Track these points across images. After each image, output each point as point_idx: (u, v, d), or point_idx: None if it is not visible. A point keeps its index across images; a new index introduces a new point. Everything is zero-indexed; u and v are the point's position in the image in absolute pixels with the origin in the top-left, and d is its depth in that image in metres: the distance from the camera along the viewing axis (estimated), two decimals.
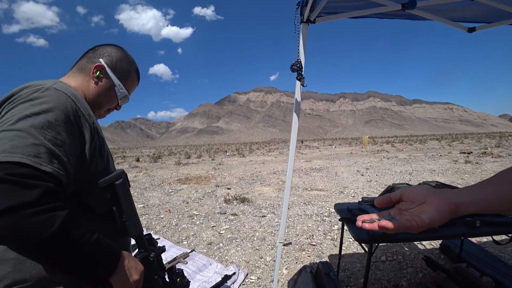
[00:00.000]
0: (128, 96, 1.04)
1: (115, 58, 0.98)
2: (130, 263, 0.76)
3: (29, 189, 0.55)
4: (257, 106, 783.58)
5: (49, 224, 0.55)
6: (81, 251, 0.61)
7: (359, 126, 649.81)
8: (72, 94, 0.77)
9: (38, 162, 0.59)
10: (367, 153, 19.29)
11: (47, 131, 0.64)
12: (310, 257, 3.14)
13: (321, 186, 7.39)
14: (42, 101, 0.68)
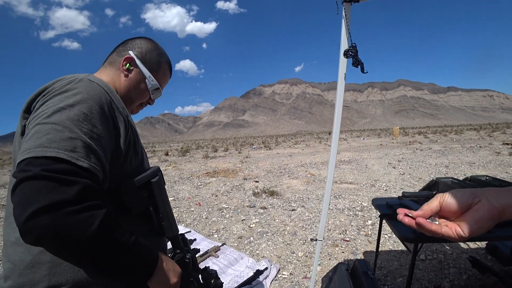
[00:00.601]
0: (160, 89, 1.00)
1: (145, 50, 0.95)
2: (168, 265, 0.73)
3: (67, 185, 0.52)
4: (282, 98, 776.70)
5: (88, 223, 0.52)
6: (120, 253, 0.58)
7: (389, 116, 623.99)
8: (105, 85, 0.75)
9: (75, 156, 0.56)
10: (398, 144, 18.49)
11: (83, 124, 0.61)
12: (344, 253, 3.05)
13: (351, 179, 7.18)
14: (76, 92, 0.66)
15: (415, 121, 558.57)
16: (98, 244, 0.54)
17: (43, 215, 0.49)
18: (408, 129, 75.87)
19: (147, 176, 0.77)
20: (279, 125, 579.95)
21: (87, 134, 0.60)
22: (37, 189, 0.50)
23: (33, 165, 0.52)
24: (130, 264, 0.61)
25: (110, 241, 0.56)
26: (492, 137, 20.20)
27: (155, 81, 0.95)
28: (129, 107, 0.95)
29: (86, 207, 0.53)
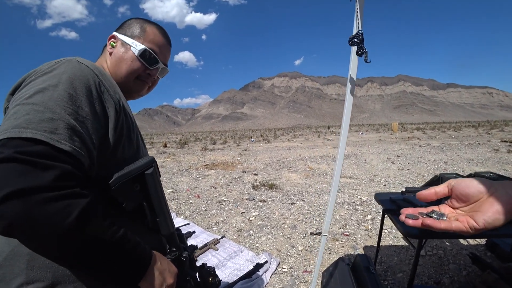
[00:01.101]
0: (153, 54, 0.88)
1: (127, 24, 0.90)
2: (163, 265, 0.67)
3: (43, 170, 0.47)
4: (282, 91, 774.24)
5: (65, 213, 0.46)
6: (104, 249, 0.52)
7: (388, 111, 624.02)
8: (95, 67, 0.69)
9: (55, 138, 0.50)
10: (397, 140, 18.52)
11: (67, 105, 0.56)
12: (344, 247, 3.04)
13: (350, 174, 7.18)
14: (62, 72, 0.61)
15: (414, 116, 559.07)
16: (77, 238, 0.48)
17: (13, 201, 0.44)
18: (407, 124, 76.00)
19: (141, 167, 0.68)
20: (278, 118, 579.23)
21: (71, 115, 0.55)
22: (8, 173, 0.45)
23: (7, 147, 0.47)
24: (117, 263, 0.55)
25: (92, 236, 0.50)
26: (490, 135, 20.26)
27: (139, 44, 0.86)
28: (127, 86, 0.87)
29: (64, 195, 0.47)
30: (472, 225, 0.43)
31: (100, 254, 0.52)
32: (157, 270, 0.64)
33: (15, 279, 0.60)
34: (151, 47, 0.88)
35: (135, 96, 0.93)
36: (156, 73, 0.92)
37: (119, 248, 0.55)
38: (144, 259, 0.62)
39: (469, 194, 0.47)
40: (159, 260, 0.67)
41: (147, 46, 0.87)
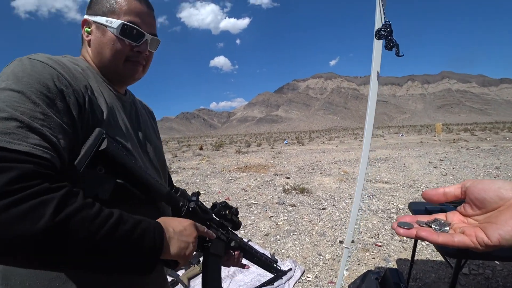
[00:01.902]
0: (134, 27, 0.75)
1: (94, 1, 0.77)
2: (176, 227, 0.61)
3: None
4: (317, 93, 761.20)
5: (38, 214, 0.40)
6: (102, 239, 0.46)
7: (430, 112, 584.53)
8: (53, 61, 0.60)
9: (7, 140, 0.44)
10: (441, 142, 17.24)
11: (19, 103, 0.49)
12: (374, 259, 2.85)
13: (387, 178, 6.79)
14: (10, 72, 0.54)
15: (460, 116, 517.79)
16: (63, 236, 0.42)
17: None
18: (453, 125, 70.58)
19: (91, 147, 0.57)
20: (313, 120, 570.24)
21: (25, 114, 0.49)
22: None
23: None
24: (123, 249, 0.49)
25: (80, 228, 0.44)
26: None
27: (115, 20, 0.73)
28: (117, 73, 0.78)
29: (28, 196, 0.41)
30: (482, 241, 0.34)
31: (100, 246, 0.46)
32: (173, 236, 0.59)
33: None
34: (130, 19, 0.75)
35: (130, 81, 0.82)
36: (145, 48, 0.79)
37: (118, 232, 0.48)
38: (152, 233, 0.54)
39: (485, 199, 0.37)
40: (169, 226, 0.60)
41: (124, 20, 0.74)
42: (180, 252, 0.59)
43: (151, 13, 0.80)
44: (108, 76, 0.78)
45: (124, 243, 0.49)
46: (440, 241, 0.36)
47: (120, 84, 0.81)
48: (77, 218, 0.44)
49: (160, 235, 0.56)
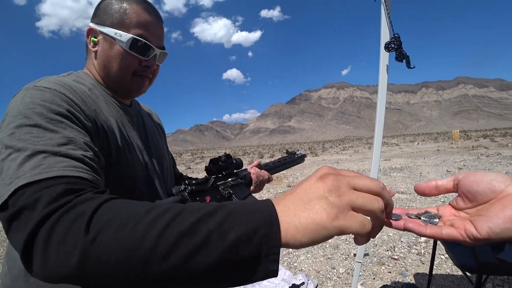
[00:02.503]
0: (142, 41, 0.72)
1: (102, 8, 0.73)
2: (288, 204, 0.35)
3: (31, 210, 0.38)
4: (329, 103, 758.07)
5: (80, 218, 0.35)
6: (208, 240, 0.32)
7: (447, 118, 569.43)
8: (62, 85, 0.59)
9: (35, 173, 0.43)
10: (459, 150, 16.70)
11: (39, 137, 0.48)
12: (390, 273, 2.74)
13: (403, 189, 6.60)
14: (20, 105, 0.53)
15: (479, 122, 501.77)
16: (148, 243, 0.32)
17: (35, 258, 0.35)
18: (471, 132, 68.39)
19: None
20: (326, 130, 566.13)
21: (48, 144, 0.48)
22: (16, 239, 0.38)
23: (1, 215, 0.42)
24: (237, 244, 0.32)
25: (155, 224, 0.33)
26: None
27: (125, 34, 0.70)
28: (124, 86, 0.77)
29: (70, 207, 0.37)
30: (471, 233, 0.32)
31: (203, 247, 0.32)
32: (291, 216, 0.33)
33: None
34: (139, 32, 0.72)
35: (136, 94, 0.81)
36: (154, 62, 0.77)
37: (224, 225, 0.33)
38: (264, 217, 0.33)
39: (477, 192, 0.37)
40: (281, 203, 0.35)
41: (134, 33, 0.71)
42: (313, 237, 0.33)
43: (160, 25, 0.78)
44: (114, 89, 0.78)
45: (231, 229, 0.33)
46: (427, 233, 0.35)
47: (126, 96, 0.82)
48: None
49: (267, 214, 0.34)
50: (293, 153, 1.25)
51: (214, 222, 0.33)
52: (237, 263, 0.32)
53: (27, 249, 0.36)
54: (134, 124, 0.80)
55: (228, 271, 0.32)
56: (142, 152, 0.77)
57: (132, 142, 0.74)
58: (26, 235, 0.35)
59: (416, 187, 0.43)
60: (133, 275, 0.32)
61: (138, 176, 0.73)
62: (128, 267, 0.31)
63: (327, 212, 0.32)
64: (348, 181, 0.35)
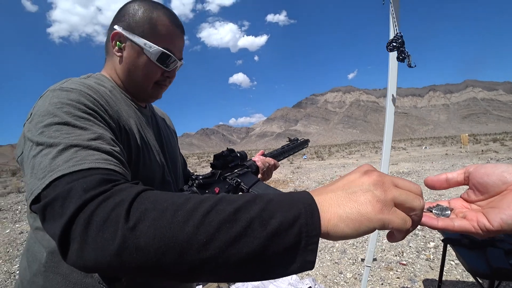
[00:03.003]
0: (170, 55, 0.74)
1: (130, 15, 0.73)
2: (330, 196, 0.35)
3: (64, 202, 0.39)
4: (335, 107, 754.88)
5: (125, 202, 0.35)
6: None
7: (455, 122, 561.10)
8: (86, 86, 0.61)
9: (69, 165, 0.44)
10: (468, 154, 16.47)
11: (69, 133, 0.50)
12: (399, 279, 2.70)
13: None
14: (48, 105, 0.54)
15: (488, 126, 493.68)
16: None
17: (69, 252, 0.36)
18: (480, 136, 67.23)
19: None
20: (332, 134, 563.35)
21: (78, 139, 0.49)
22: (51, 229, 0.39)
23: (36, 205, 0.43)
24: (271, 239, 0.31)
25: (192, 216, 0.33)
26: None
27: (154, 46, 0.72)
28: (143, 93, 0.79)
29: (107, 196, 0.37)
30: (484, 225, 0.33)
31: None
32: (332, 206, 0.33)
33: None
34: (167, 46, 0.74)
35: (152, 100, 0.85)
36: (174, 73, 0.81)
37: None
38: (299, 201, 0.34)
39: (488, 184, 0.36)
40: (320, 194, 0.35)
41: (162, 46, 0.73)
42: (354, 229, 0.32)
43: (183, 37, 0.80)
44: (133, 94, 0.79)
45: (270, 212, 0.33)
46: (439, 226, 0.36)
47: (144, 101, 0.84)
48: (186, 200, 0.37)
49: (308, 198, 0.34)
50: (296, 139, 1.25)
51: (254, 210, 0.33)
52: (276, 252, 0.31)
53: (64, 237, 0.36)
54: (149, 125, 0.82)
55: (266, 262, 0.32)
56: (159, 153, 0.79)
57: (150, 143, 0.76)
58: (64, 222, 0.36)
59: (426, 180, 0.43)
60: (171, 264, 0.32)
61: (155, 177, 0.74)
62: (167, 255, 0.31)
63: (372, 205, 0.32)
64: (391, 179, 0.35)
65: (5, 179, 19.60)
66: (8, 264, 3.73)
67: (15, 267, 3.59)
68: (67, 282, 0.61)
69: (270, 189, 0.77)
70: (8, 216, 6.67)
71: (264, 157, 1.05)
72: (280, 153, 1.16)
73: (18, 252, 4.14)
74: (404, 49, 1.31)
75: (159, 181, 0.76)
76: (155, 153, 0.76)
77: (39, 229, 0.64)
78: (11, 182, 15.67)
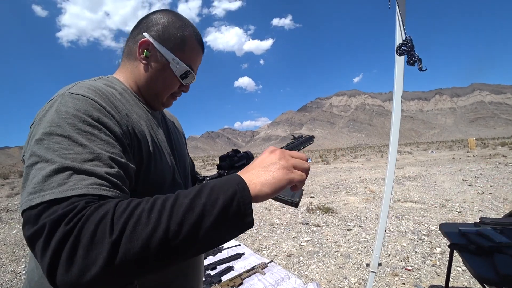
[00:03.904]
0: (192, 72, 0.79)
1: (162, 27, 0.74)
2: (254, 168, 0.52)
3: (50, 230, 0.41)
4: (340, 110, 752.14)
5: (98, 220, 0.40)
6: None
7: (462, 126, 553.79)
8: (95, 91, 0.61)
9: (63, 190, 0.45)
10: (475, 158, 16.27)
11: (67, 149, 0.50)
12: (404, 284, 2.67)
13: (416, 198, 6.46)
14: (54, 112, 0.55)
15: (496, 130, 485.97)
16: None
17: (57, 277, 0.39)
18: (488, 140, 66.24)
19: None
20: (338, 138, 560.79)
21: (75, 160, 0.49)
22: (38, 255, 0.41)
23: (25, 223, 0.46)
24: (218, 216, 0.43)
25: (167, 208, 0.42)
26: None
27: (181, 63, 0.75)
28: (157, 101, 0.81)
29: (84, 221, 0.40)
30: None
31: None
32: (255, 178, 0.49)
33: None
34: (191, 64, 0.78)
35: (162, 108, 0.86)
36: (189, 87, 0.84)
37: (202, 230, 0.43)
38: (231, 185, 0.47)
39: None
40: (245, 172, 0.51)
41: (187, 63, 0.77)
42: (274, 189, 0.49)
43: (202, 56, 0.84)
44: (146, 100, 0.79)
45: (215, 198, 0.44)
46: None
47: (154, 109, 0.83)
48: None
49: (235, 183, 0.47)
50: (301, 136, 1.23)
51: (204, 196, 0.44)
52: (226, 221, 0.44)
53: (52, 266, 0.39)
54: (160, 127, 0.82)
55: (221, 230, 0.44)
56: (170, 155, 0.79)
57: (161, 145, 0.76)
58: (51, 253, 0.39)
59: None
60: (156, 255, 0.40)
61: (166, 179, 0.74)
62: (151, 251, 0.39)
63: (280, 171, 0.50)
64: (289, 153, 0.55)
65: (13, 180, 19.85)
66: (14, 264, 3.76)
67: (21, 267, 3.62)
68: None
69: None
70: (15, 217, 6.74)
71: None
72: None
73: (25, 253, 4.18)
74: (414, 53, 1.30)
75: (170, 183, 0.75)
76: (166, 155, 0.76)
77: None
78: (18, 184, 15.87)
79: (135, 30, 0.77)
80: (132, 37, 0.77)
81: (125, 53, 0.79)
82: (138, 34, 0.75)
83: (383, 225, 1.45)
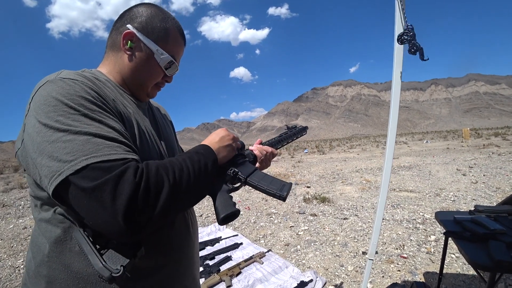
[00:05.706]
0: (175, 63, 0.81)
1: (146, 18, 0.77)
2: (214, 139, 0.79)
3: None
4: (336, 101, 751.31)
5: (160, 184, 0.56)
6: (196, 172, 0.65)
7: (457, 116, 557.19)
8: (85, 78, 0.65)
9: (104, 153, 0.54)
10: (469, 148, 16.43)
11: (89, 124, 0.56)
12: (400, 271, 2.72)
13: (411, 187, 6.54)
14: (56, 94, 0.57)
15: (490, 120, 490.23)
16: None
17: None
18: (482, 130, 66.84)
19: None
20: (333, 128, 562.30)
21: (101, 131, 0.57)
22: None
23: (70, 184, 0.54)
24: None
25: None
26: None
27: (165, 53, 0.78)
28: (143, 92, 0.83)
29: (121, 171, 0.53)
30: None
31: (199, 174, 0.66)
32: (216, 143, 0.78)
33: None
34: (174, 54, 0.81)
35: (147, 99, 0.88)
36: (172, 78, 0.88)
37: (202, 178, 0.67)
38: (211, 161, 0.72)
39: None
40: (207, 142, 0.78)
41: (170, 53, 0.79)
42: (227, 154, 0.80)
43: (184, 47, 0.87)
44: (131, 91, 0.82)
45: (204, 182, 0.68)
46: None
47: (139, 100, 0.85)
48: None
49: (204, 149, 0.74)
50: (294, 127, 1.24)
51: (199, 163, 0.67)
52: (212, 173, 0.70)
53: (129, 208, 0.50)
54: (146, 115, 0.85)
55: (210, 178, 0.70)
56: (156, 141, 0.81)
57: (148, 132, 0.78)
58: (124, 203, 0.50)
59: None
60: (186, 192, 0.61)
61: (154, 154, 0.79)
62: (187, 188, 0.61)
63: (229, 140, 0.81)
64: (228, 131, 0.83)
65: (8, 175, 19.68)
66: (12, 258, 3.76)
67: (19, 262, 3.62)
68: (68, 271, 0.64)
69: (267, 177, 0.84)
70: (11, 212, 6.71)
71: (261, 145, 1.04)
72: (278, 141, 1.14)
73: (22, 247, 4.18)
74: (416, 42, 1.30)
75: None
76: (154, 142, 0.79)
77: (43, 221, 0.66)
78: (13, 178, 15.75)
79: (118, 22, 0.79)
80: (115, 29, 0.79)
81: (108, 45, 0.81)
82: (121, 26, 0.77)
83: (380, 213, 1.47)
